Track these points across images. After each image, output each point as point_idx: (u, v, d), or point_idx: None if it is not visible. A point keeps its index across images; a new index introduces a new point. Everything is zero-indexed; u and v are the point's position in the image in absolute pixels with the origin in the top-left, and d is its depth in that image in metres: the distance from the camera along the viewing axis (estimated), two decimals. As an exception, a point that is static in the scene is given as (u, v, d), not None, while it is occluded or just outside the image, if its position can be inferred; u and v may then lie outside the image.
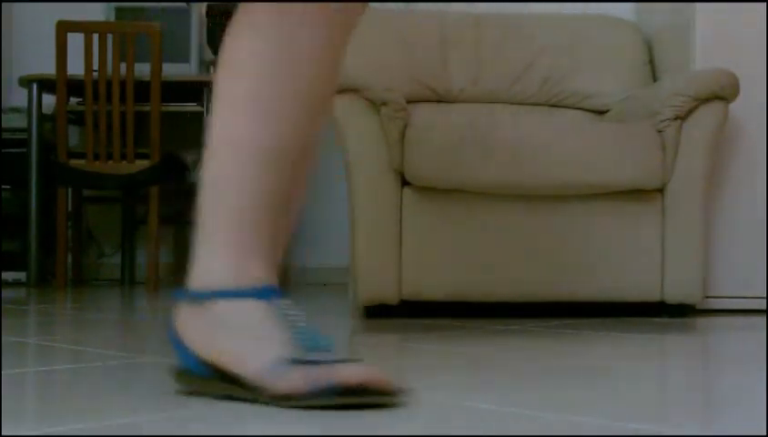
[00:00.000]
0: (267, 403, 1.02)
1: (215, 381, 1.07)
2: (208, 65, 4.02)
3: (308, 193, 3.77)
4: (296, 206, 1.18)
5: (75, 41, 3.57)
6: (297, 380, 1.00)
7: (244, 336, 1.05)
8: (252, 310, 1.06)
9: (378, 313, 2.33)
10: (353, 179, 2.33)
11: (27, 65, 4.04)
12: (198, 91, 3.84)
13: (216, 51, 3.94)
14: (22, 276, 3.76)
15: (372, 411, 1.00)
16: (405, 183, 2.33)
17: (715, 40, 2.61)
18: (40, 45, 4.01)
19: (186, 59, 3.92)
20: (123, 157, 3.56)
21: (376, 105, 2.30)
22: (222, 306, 1.06)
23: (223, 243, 1.09)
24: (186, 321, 1.09)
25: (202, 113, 3.81)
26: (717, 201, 2.57)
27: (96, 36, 3.54)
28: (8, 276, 3.78)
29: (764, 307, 2.54)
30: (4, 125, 3.82)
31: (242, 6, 1.12)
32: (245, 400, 1.04)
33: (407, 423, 0.96)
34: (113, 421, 0.95)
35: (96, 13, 4.04)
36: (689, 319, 2.37)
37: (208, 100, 3.82)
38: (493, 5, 3.11)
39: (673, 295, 2.39)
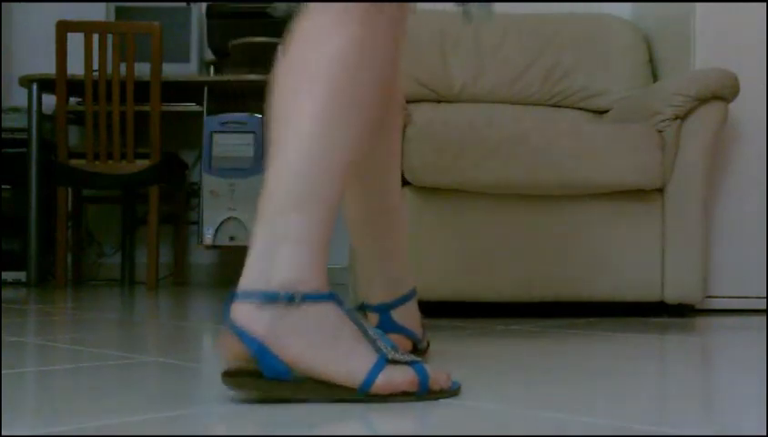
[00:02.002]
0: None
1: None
2: (208, 65, 4.02)
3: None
4: None
5: (75, 41, 3.57)
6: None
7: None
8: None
9: (378, 313, 2.33)
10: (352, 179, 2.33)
11: (27, 65, 4.04)
12: (198, 91, 3.84)
13: (216, 51, 3.94)
14: (22, 276, 3.76)
15: (372, 412, 1.00)
16: (405, 183, 2.33)
17: (715, 40, 2.61)
18: (40, 45, 4.02)
19: (186, 59, 3.92)
20: (123, 157, 3.57)
21: (376, 105, 2.30)
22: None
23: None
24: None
25: (202, 113, 3.82)
26: (717, 201, 2.57)
27: (96, 36, 3.54)
28: (8, 276, 3.78)
29: (764, 307, 2.54)
30: (4, 125, 3.82)
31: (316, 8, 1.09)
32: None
33: (407, 423, 0.96)
34: (113, 420, 0.95)
35: (96, 13, 4.04)
36: (689, 319, 2.37)
37: (208, 100, 3.82)
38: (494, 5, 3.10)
39: (673, 295, 2.39)
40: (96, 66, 3.53)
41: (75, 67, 3.57)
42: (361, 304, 1.45)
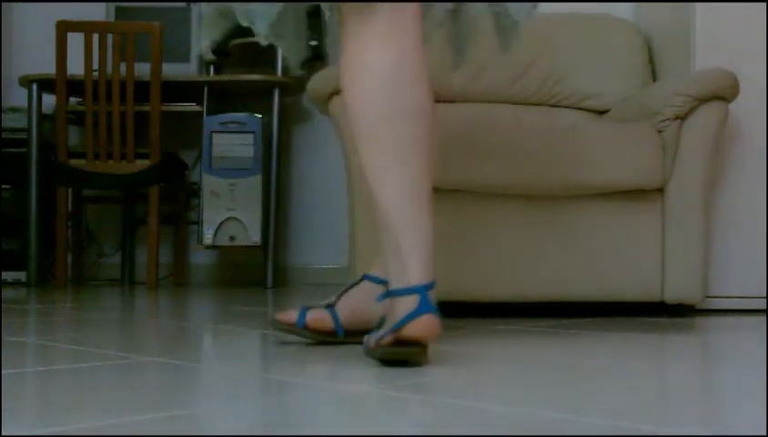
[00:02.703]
0: None
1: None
2: (208, 65, 4.02)
3: (307, 193, 3.73)
4: None
5: (75, 41, 3.57)
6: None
7: None
8: None
9: (378, 313, 2.33)
10: (353, 179, 2.33)
11: (27, 65, 4.04)
12: (198, 91, 3.84)
13: (216, 51, 3.94)
14: (22, 276, 3.76)
15: (371, 412, 1.00)
16: (405, 183, 2.32)
17: (715, 40, 2.61)
18: (40, 45, 4.01)
19: (186, 59, 3.92)
20: (123, 157, 3.56)
21: (376, 105, 2.30)
22: None
23: None
24: None
25: (202, 113, 3.82)
26: (717, 201, 2.57)
27: (96, 36, 3.54)
28: (8, 276, 3.78)
29: (764, 307, 2.54)
30: (4, 125, 3.82)
31: None
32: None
33: (407, 423, 0.96)
34: (113, 420, 0.95)
35: (96, 13, 4.04)
36: (689, 319, 2.37)
37: (208, 100, 3.82)
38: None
39: (673, 295, 2.39)
40: (96, 66, 3.53)
41: (75, 67, 3.57)
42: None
